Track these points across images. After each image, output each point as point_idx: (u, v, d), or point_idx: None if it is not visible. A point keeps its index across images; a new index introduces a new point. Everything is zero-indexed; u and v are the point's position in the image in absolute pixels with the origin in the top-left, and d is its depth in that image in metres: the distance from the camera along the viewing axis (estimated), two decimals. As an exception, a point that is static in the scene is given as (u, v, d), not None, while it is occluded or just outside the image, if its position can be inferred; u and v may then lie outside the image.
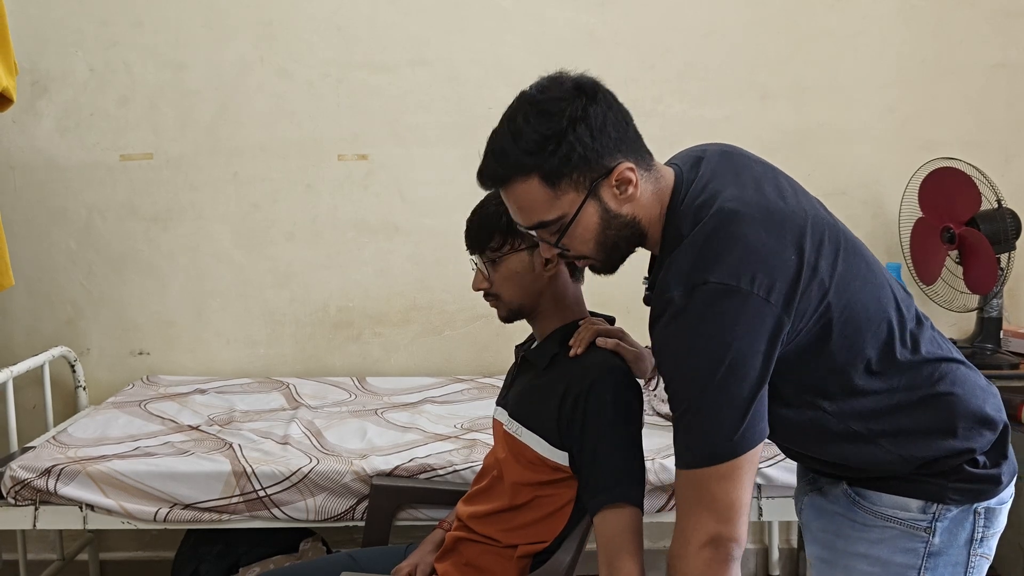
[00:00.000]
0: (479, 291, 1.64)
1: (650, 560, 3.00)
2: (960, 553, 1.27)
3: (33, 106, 2.89)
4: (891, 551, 1.27)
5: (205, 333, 2.99)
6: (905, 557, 1.27)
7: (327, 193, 2.96)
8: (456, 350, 3.02)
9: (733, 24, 2.91)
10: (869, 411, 1.25)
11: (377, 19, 2.92)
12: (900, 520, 1.27)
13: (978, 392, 1.28)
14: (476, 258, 1.62)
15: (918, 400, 1.25)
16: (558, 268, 1.58)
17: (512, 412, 1.62)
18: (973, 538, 1.27)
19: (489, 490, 1.65)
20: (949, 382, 1.26)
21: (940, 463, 1.25)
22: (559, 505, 1.56)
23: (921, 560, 1.26)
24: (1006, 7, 2.93)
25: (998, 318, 2.72)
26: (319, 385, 2.84)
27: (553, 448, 1.52)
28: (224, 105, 2.92)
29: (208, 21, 2.89)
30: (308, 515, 2.09)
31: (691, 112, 2.96)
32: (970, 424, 1.25)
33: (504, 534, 1.59)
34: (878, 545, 1.28)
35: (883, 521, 1.28)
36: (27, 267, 2.91)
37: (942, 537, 1.26)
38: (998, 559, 1.28)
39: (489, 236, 1.59)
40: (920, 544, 1.26)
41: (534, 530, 1.58)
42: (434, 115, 2.94)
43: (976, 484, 1.25)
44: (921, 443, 1.25)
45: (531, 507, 1.57)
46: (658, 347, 1.23)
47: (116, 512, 2.08)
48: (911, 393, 1.25)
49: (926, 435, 1.25)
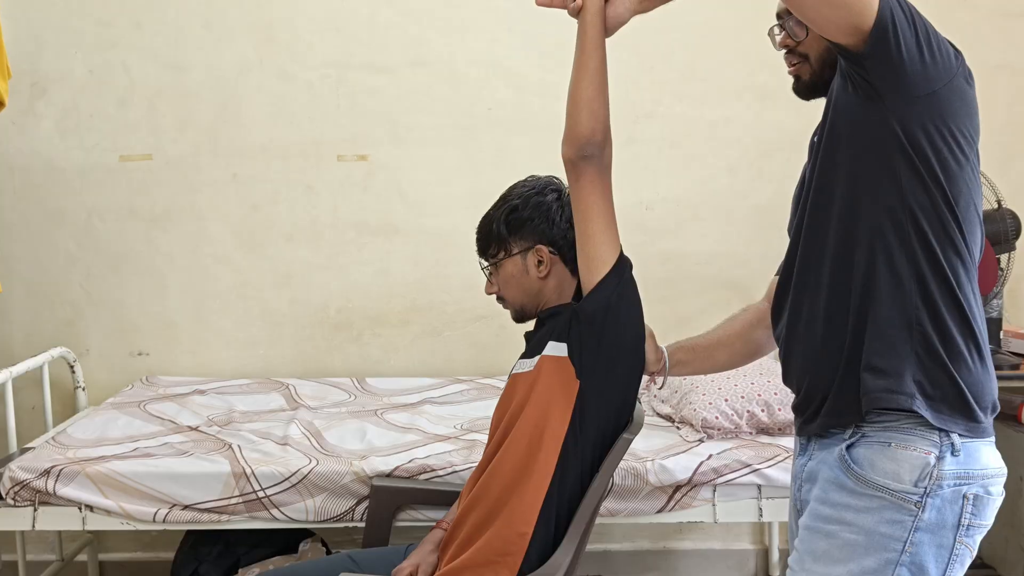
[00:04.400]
0: (491, 295, 1.75)
1: (651, 560, 3.01)
2: (947, 536, 1.27)
3: (32, 107, 2.89)
4: (877, 521, 1.28)
5: (205, 334, 2.99)
6: (891, 528, 1.27)
7: (327, 194, 2.96)
8: (456, 351, 3.02)
9: (733, 25, 2.90)
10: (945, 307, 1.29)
11: (376, 20, 2.92)
12: (892, 492, 1.27)
13: None
14: (483, 263, 1.74)
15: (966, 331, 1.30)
16: (551, 268, 1.66)
17: (525, 355, 1.66)
18: (960, 523, 1.27)
19: (503, 432, 1.63)
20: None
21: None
22: (561, 426, 1.55)
23: (908, 533, 1.26)
24: (1006, 8, 2.94)
25: (998, 318, 2.72)
26: (319, 386, 2.84)
27: (558, 343, 1.58)
28: (224, 106, 2.92)
29: (208, 22, 2.89)
30: (308, 516, 2.09)
31: (691, 113, 2.96)
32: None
33: (510, 475, 1.57)
34: (864, 514, 1.29)
35: (873, 490, 1.28)
36: (26, 268, 2.91)
37: (930, 514, 1.26)
38: (998, 559, 1.28)
39: (487, 244, 1.72)
40: (908, 517, 1.26)
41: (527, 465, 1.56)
42: (434, 116, 2.94)
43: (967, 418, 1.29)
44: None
45: (541, 426, 1.56)
46: None
47: (115, 513, 2.08)
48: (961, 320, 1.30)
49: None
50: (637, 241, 3.05)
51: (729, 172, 2.99)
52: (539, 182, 1.72)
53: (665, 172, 2.99)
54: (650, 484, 2.11)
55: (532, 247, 1.66)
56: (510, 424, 1.60)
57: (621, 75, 2.98)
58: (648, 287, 3.17)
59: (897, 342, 1.29)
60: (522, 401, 1.59)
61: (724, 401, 2.32)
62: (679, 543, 3.00)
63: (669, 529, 2.99)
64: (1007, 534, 2.11)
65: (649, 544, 3.01)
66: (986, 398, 1.32)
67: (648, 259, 2.99)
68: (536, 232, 1.66)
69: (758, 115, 2.95)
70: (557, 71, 2.99)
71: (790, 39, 1.45)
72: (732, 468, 2.15)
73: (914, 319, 1.29)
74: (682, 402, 2.41)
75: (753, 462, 2.15)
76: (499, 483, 1.58)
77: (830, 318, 1.36)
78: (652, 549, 3.00)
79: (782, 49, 1.48)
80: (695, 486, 2.13)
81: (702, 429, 2.31)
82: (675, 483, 2.12)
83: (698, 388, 2.39)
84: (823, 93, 1.43)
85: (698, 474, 2.13)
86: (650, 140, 2.98)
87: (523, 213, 1.67)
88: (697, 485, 2.13)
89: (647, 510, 2.13)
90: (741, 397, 2.32)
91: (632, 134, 2.97)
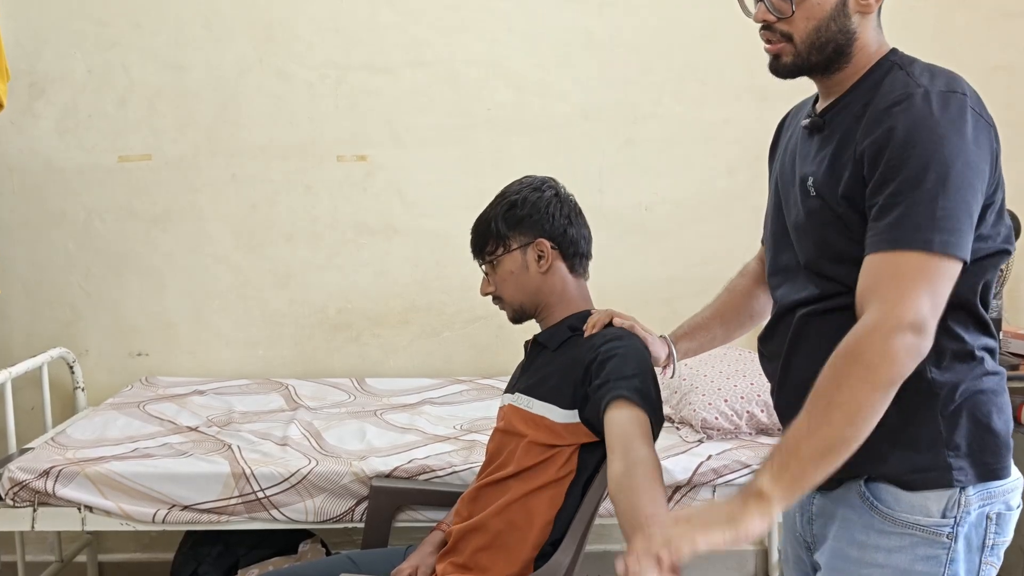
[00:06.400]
0: (487, 295, 1.73)
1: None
2: (973, 560, 1.23)
3: (31, 108, 2.88)
4: (911, 559, 1.22)
5: (204, 334, 2.99)
6: (927, 566, 1.21)
7: (326, 194, 2.96)
8: (455, 351, 3.02)
9: (732, 25, 2.88)
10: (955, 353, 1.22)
11: (376, 20, 2.91)
12: (923, 527, 1.21)
13: None
14: (479, 264, 1.72)
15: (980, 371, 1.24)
16: (552, 264, 1.65)
17: (523, 390, 1.66)
18: (985, 544, 1.23)
19: (500, 466, 1.65)
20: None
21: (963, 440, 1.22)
22: (560, 475, 1.56)
23: (943, 568, 1.21)
24: (1005, 8, 2.93)
25: (998, 319, 2.72)
26: (318, 386, 2.84)
27: (564, 411, 1.56)
28: (223, 106, 2.91)
29: (207, 22, 2.89)
30: (307, 516, 2.09)
31: (690, 114, 2.96)
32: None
33: (505, 512, 1.59)
34: (897, 554, 1.22)
35: (902, 528, 1.22)
36: (26, 269, 2.91)
37: (962, 543, 1.21)
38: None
39: (484, 242, 1.69)
40: (942, 551, 1.21)
41: (534, 502, 1.57)
42: (433, 116, 2.94)
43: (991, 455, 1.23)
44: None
45: (536, 472, 1.58)
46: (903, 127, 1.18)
47: (115, 513, 2.07)
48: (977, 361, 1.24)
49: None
50: (637, 241, 3.07)
51: (728, 173, 2.99)
52: (535, 180, 1.72)
53: (665, 173, 2.99)
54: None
55: (532, 242, 1.65)
56: (511, 465, 1.61)
57: (621, 75, 3.00)
58: (648, 287, 3.17)
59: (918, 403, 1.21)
60: (525, 445, 1.60)
61: (724, 402, 2.32)
62: (678, 543, 3.00)
63: (668, 529, 2.98)
64: (1007, 535, 2.11)
65: (648, 544, 3.01)
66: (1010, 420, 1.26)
67: (648, 259, 3.00)
68: (535, 227, 1.66)
69: (758, 116, 2.94)
70: (557, 71, 3.00)
71: (770, 13, 1.27)
72: (732, 469, 2.15)
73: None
74: (682, 403, 2.41)
75: (753, 463, 2.15)
76: (502, 521, 1.60)
77: None
78: (651, 549, 3.00)
79: (757, 23, 1.30)
80: (695, 487, 2.13)
81: (701, 430, 2.31)
82: (675, 484, 2.12)
83: (697, 389, 2.39)
84: (808, 74, 1.32)
85: (697, 475, 2.13)
86: (649, 141, 2.98)
87: (522, 209, 1.67)
88: (697, 486, 2.13)
89: (646, 510, 2.13)
90: (741, 398, 2.32)
91: (631, 135, 2.97)
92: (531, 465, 1.58)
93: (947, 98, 1.18)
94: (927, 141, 1.15)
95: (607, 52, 2.95)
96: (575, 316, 1.67)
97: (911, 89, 1.20)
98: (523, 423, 1.62)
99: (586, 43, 2.94)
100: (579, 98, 2.96)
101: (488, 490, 1.64)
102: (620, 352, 1.52)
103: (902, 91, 1.20)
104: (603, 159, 2.95)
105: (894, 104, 1.19)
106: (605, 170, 2.96)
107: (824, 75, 1.31)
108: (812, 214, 1.28)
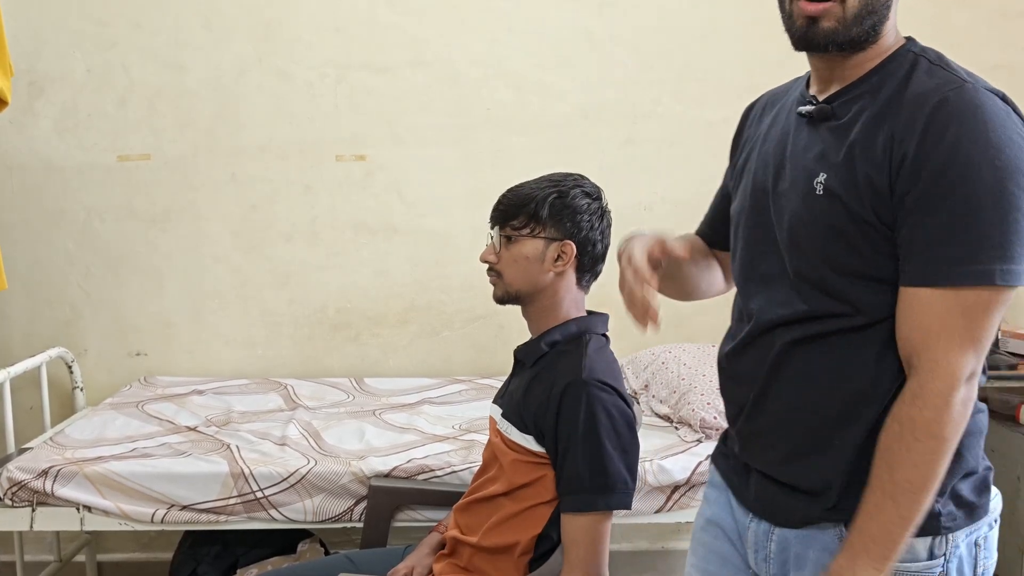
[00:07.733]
0: (485, 263, 1.66)
1: (649, 560, 3.00)
2: None
3: (31, 107, 2.88)
4: None
5: (203, 334, 2.98)
6: None
7: (326, 194, 2.96)
8: (454, 351, 3.02)
9: (732, 25, 2.90)
10: None
11: (376, 20, 2.91)
12: (913, 573, 1.13)
13: None
14: (495, 231, 1.65)
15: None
16: (566, 269, 1.62)
17: (504, 411, 1.66)
18: (976, 571, 1.16)
19: (492, 480, 1.67)
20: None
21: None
22: (551, 495, 1.58)
23: None
24: (1005, 8, 2.93)
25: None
26: (317, 386, 2.84)
27: (537, 444, 1.58)
28: (223, 106, 2.91)
29: (207, 22, 2.89)
30: (306, 516, 2.09)
31: (690, 113, 2.96)
32: None
33: (496, 531, 1.60)
34: None
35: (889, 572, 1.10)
36: (25, 268, 2.91)
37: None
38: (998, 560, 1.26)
39: (515, 214, 1.62)
40: None
41: (528, 519, 1.59)
42: (433, 116, 2.94)
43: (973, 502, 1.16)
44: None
45: (527, 492, 1.59)
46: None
47: (113, 513, 2.07)
48: None
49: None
50: (636, 241, 3.07)
51: (728, 172, 2.99)
52: (589, 184, 1.67)
53: (664, 172, 2.98)
54: (648, 484, 2.11)
55: (561, 240, 1.60)
56: (501, 479, 1.63)
57: (621, 75, 3.00)
58: (647, 287, 3.15)
59: None
60: (510, 462, 1.61)
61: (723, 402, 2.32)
62: (677, 543, 3.00)
63: (667, 529, 2.99)
64: (1006, 535, 2.11)
65: (647, 544, 3.01)
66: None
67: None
68: (572, 228, 1.61)
69: (757, 115, 2.94)
70: (557, 71, 3.00)
71: None
72: (731, 469, 2.14)
73: None
74: (680, 402, 2.41)
75: (752, 463, 2.15)
76: (495, 536, 1.61)
77: None
78: (650, 549, 3.00)
79: None
80: (693, 486, 2.13)
81: (700, 429, 2.31)
82: (673, 483, 2.12)
83: (696, 389, 2.39)
84: (835, 49, 1.14)
85: (696, 474, 2.12)
86: (649, 140, 2.98)
87: (570, 204, 1.61)
88: (695, 485, 2.13)
89: (645, 510, 2.13)
90: (740, 398, 2.32)
91: (631, 134, 2.97)
92: (522, 484, 1.59)
93: (993, 99, 1.07)
94: (983, 150, 1.02)
95: (607, 52, 2.95)
96: (557, 329, 1.63)
97: (954, 85, 1.07)
98: (504, 444, 1.63)
99: (586, 43, 2.94)
100: (579, 98, 2.96)
101: (480, 507, 1.65)
102: (577, 427, 1.51)
103: (945, 87, 1.07)
104: (603, 159, 2.95)
105: (939, 104, 1.06)
106: (605, 170, 2.94)
107: (848, 53, 1.15)
108: (818, 218, 1.13)
